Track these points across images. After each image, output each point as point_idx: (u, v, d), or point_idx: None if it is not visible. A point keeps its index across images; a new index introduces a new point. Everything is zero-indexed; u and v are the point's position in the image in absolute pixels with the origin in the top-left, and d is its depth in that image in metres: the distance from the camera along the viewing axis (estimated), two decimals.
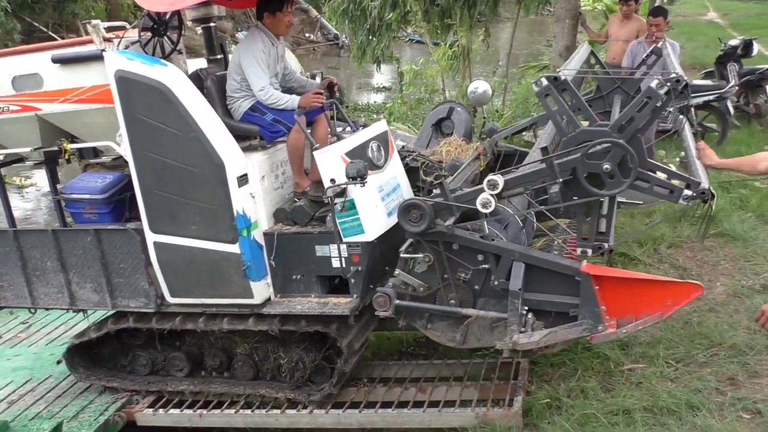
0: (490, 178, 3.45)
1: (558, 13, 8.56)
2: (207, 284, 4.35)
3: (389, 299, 3.90)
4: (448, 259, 3.83)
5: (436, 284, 3.93)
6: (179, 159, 4.09)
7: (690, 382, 4.03)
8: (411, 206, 3.70)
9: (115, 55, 4.09)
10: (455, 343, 4.01)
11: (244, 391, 4.74)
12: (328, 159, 4.05)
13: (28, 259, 4.82)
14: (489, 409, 4.17)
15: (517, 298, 3.60)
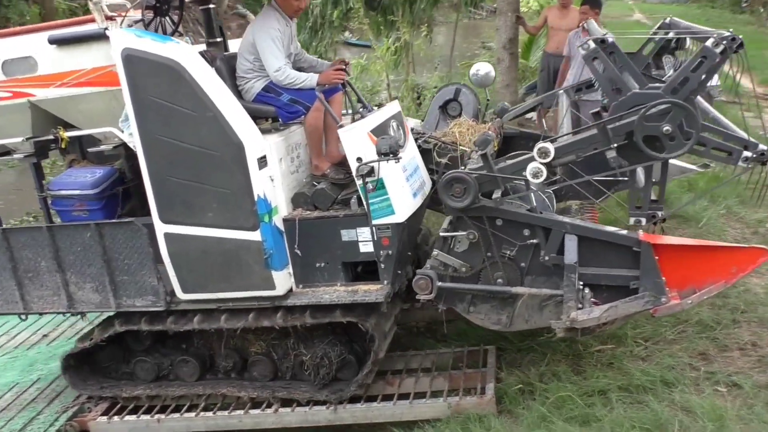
0: (540, 146, 3.28)
1: (500, 6, 8.72)
2: (223, 277, 4.06)
3: (431, 281, 3.68)
4: (492, 235, 3.64)
5: (479, 263, 3.73)
6: (194, 141, 3.81)
7: (661, 359, 4.03)
8: (454, 180, 3.51)
9: (123, 33, 3.80)
10: (500, 326, 3.82)
11: (261, 393, 4.43)
12: (354, 137, 3.84)
13: (19, 260, 4.44)
14: (461, 399, 4.05)
15: (573, 273, 3.43)
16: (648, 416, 3.39)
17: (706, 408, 3.32)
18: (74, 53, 4.01)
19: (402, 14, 10.70)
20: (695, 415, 3.31)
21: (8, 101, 4.22)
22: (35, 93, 4.17)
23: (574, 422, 3.53)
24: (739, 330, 4.28)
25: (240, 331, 4.46)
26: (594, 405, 3.64)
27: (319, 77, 4.06)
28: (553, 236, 3.55)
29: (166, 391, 4.55)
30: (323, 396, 4.28)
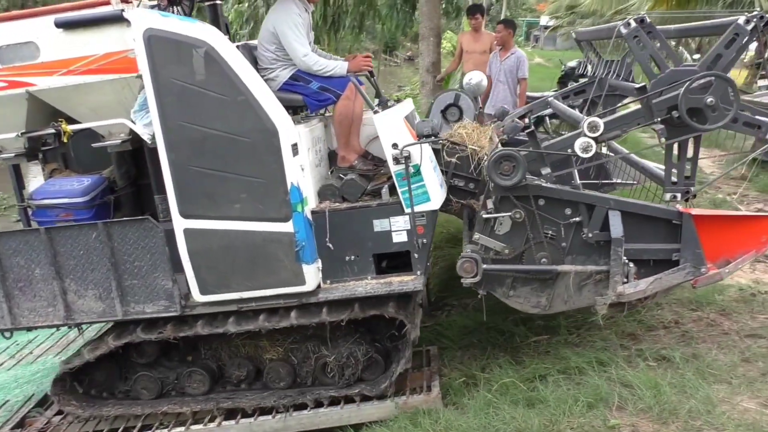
0: (590, 120, 3.32)
1: (422, 32, 9.00)
2: (248, 274, 3.83)
3: (476, 264, 3.61)
4: (534, 215, 3.62)
5: (521, 245, 3.70)
6: (223, 127, 3.62)
7: (594, 343, 4.22)
8: (503, 157, 3.48)
9: (145, 13, 3.59)
10: (539, 309, 3.78)
11: (279, 401, 4.17)
12: (389, 122, 3.76)
13: (8, 268, 4.03)
14: (408, 398, 4.04)
15: (620, 247, 3.45)
16: (589, 391, 3.52)
17: (642, 379, 3.48)
18: (84, 38, 3.73)
19: (328, 43, 10.90)
20: (633, 388, 3.48)
21: (3, 92, 3.86)
22: (36, 82, 3.84)
23: (520, 405, 3.61)
24: (662, 311, 4.54)
25: (253, 338, 4.23)
26: (536, 388, 3.74)
27: (349, 65, 3.98)
28: (597, 213, 3.58)
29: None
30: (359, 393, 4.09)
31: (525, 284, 3.78)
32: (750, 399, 3.30)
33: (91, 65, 3.77)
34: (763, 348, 3.73)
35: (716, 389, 3.40)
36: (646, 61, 3.48)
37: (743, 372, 3.55)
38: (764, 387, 3.37)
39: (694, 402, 3.27)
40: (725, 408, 3.25)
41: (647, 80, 3.57)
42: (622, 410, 3.39)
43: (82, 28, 3.72)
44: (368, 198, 3.98)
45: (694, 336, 4.01)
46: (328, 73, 3.95)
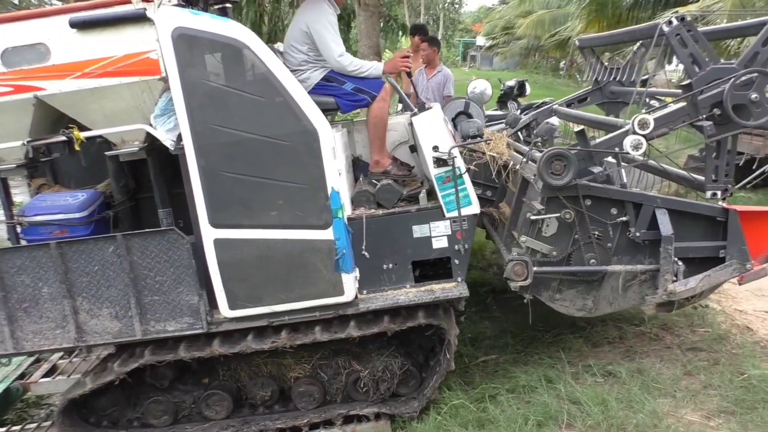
0: (641, 117, 3.31)
1: (362, 50, 9.07)
2: (283, 285, 3.62)
3: (526, 266, 3.52)
4: (583, 215, 3.58)
5: (567, 247, 3.64)
6: (259, 130, 3.42)
7: (542, 360, 4.29)
8: (555, 156, 3.42)
9: (174, 10, 3.38)
10: (585, 312, 3.73)
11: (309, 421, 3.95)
12: (430, 124, 3.66)
13: (11, 287, 3.69)
14: (356, 426, 3.95)
15: (670, 245, 3.44)
16: (539, 410, 3.57)
17: (590, 395, 3.56)
18: (101, 38, 3.46)
19: None
20: (581, 404, 3.54)
21: (8, 97, 3.54)
22: (46, 86, 3.53)
23: (470, 426, 3.61)
24: (607, 327, 4.64)
25: (276, 355, 4.01)
26: (486, 409, 3.73)
27: (385, 65, 3.87)
28: (644, 211, 3.57)
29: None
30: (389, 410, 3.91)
31: (571, 287, 3.72)
32: (694, 411, 3.40)
33: (108, 68, 3.50)
34: (704, 361, 3.81)
35: (661, 403, 3.49)
36: (687, 59, 3.51)
37: (686, 385, 3.65)
38: (707, 399, 3.47)
39: (641, 416, 3.34)
40: (671, 421, 3.34)
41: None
42: (572, 427, 3.45)
43: (100, 28, 3.45)
44: (403, 204, 3.85)
45: (638, 351, 4.05)
46: (362, 73, 3.82)
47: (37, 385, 4.59)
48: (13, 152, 3.76)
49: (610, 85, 5.37)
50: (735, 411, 3.32)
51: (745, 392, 3.43)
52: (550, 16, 26.13)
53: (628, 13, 14.17)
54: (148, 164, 4.63)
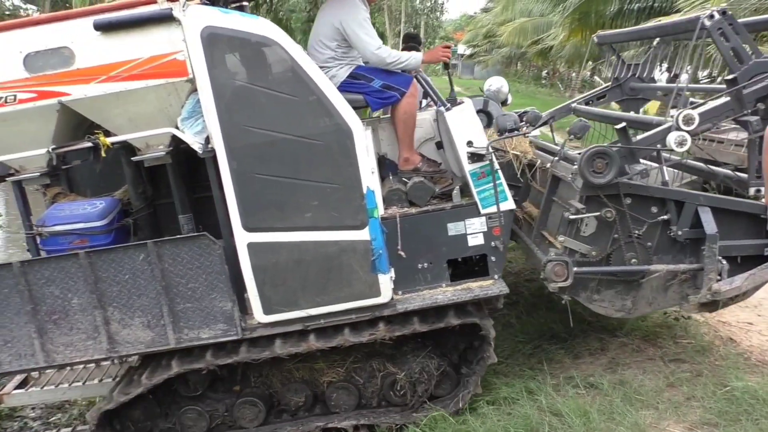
0: (686, 113, 3.25)
1: None
2: (319, 288, 3.55)
3: (567, 267, 3.46)
4: (623, 214, 3.52)
5: (606, 246, 3.58)
6: (293, 130, 3.35)
7: (523, 372, 4.23)
8: (597, 154, 3.36)
9: (203, 9, 3.30)
10: (623, 312, 3.68)
11: None
12: (464, 119, 3.60)
13: (40, 299, 3.60)
14: None
15: (715, 243, 3.38)
16: (520, 422, 3.49)
17: (571, 407, 3.48)
18: (127, 40, 3.37)
19: None
20: (562, 416, 3.47)
21: (31, 103, 3.45)
22: (70, 91, 3.44)
23: None
24: (588, 338, 4.55)
25: (307, 360, 3.94)
26: (467, 421, 3.66)
27: (425, 55, 3.80)
28: (686, 210, 3.50)
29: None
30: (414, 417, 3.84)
31: (610, 287, 3.66)
32: (676, 423, 3.34)
33: (133, 70, 3.42)
34: (687, 372, 3.76)
35: (644, 415, 3.42)
36: (728, 53, 3.45)
37: (669, 396, 3.59)
38: (689, 411, 3.42)
39: (622, 429, 3.28)
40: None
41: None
42: None
43: (125, 29, 3.36)
44: (436, 201, 3.78)
45: (620, 362, 3.98)
46: (401, 65, 3.75)
47: (10, 396, 4.49)
48: (36, 160, 3.67)
49: (630, 81, 5.29)
50: (718, 423, 3.25)
51: (728, 404, 3.35)
52: (532, 24, 26.09)
53: (611, 22, 14.30)
54: (166, 169, 4.59)
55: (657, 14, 12.76)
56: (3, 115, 3.46)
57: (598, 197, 3.50)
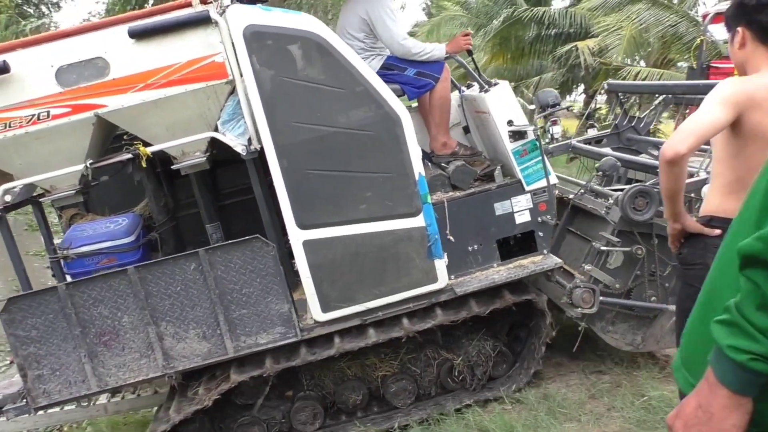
0: None
1: None
2: (377, 280, 3.54)
3: (594, 294, 3.56)
4: (651, 253, 3.65)
5: (628, 281, 3.73)
6: (343, 123, 3.34)
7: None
8: (640, 192, 3.49)
9: (244, 8, 3.27)
10: (632, 347, 3.86)
11: None
12: (503, 99, 3.66)
13: (89, 322, 3.47)
14: None
15: None
16: None
17: (498, 423, 3.60)
18: (163, 46, 3.30)
19: None
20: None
21: (66, 119, 3.33)
22: (107, 103, 3.35)
23: None
24: None
25: (357, 357, 3.90)
26: None
27: (448, 45, 3.84)
28: None
29: None
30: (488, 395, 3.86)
31: (624, 321, 3.81)
32: None
33: (171, 76, 3.36)
34: (607, 384, 3.87)
35: (567, 427, 3.53)
36: None
37: (591, 408, 3.70)
38: (610, 421, 3.54)
39: None
40: None
41: None
42: None
43: (161, 35, 3.30)
44: (477, 184, 3.82)
45: (544, 377, 4.05)
46: (426, 56, 3.78)
47: None
48: (68, 178, 3.56)
49: (627, 132, 5.38)
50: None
51: (645, 413, 3.47)
52: None
53: (530, 47, 14.94)
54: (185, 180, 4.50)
55: (573, 39, 13.51)
56: (36, 132, 3.34)
57: (631, 233, 3.62)
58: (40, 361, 3.47)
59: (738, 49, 2.15)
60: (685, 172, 2.14)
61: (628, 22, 11.09)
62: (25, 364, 3.47)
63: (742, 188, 2.06)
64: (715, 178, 2.22)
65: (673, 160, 2.05)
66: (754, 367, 0.91)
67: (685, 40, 10.77)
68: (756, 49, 2.09)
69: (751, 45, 2.10)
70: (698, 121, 2.05)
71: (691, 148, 2.04)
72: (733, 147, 2.11)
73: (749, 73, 2.13)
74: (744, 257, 0.90)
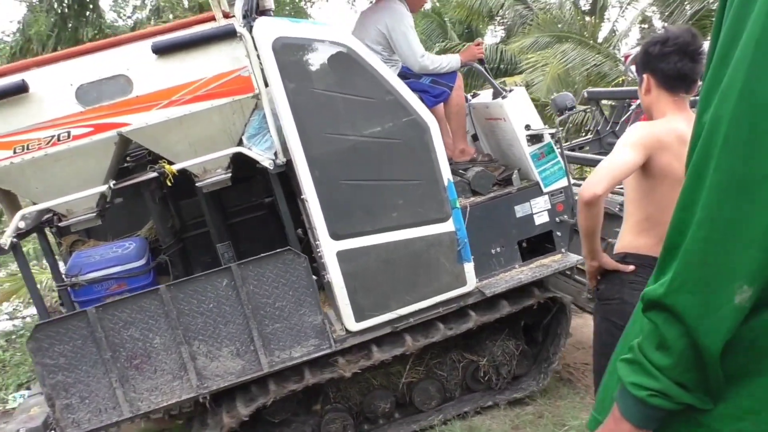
0: None
1: None
2: (409, 287, 3.57)
3: None
4: None
5: None
6: (374, 132, 3.37)
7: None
8: None
9: (272, 21, 3.26)
10: None
11: None
12: (520, 104, 3.76)
13: (118, 346, 3.37)
14: None
15: None
16: None
17: None
18: (187, 61, 3.26)
19: None
20: None
21: (87, 139, 3.24)
22: (130, 121, 3.27)
23: None
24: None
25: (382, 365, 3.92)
26: None
27: (462, 55, 3.91)
28: None
29: None
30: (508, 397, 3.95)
31: None
32: None
33: (197, 91, 3.31)
34: (530, 414, 3.96)
35: None
36: None
37: None
38: None
39: None
40: None
41: None
42: None
43: (186, 50, 3.26)
44: (495, 188, 3.91)
45: (468, 410, 4.07)
46: (443, 69, 3.85)
47: None
48: (86, 201, 3.45)
49: (608, 137, 5.58)
50: None
51: None
52: None
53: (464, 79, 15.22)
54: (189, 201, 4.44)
55: (503, 75, 13.92)
56: (56, 154, 3.24)
57: None
58: (69, 389, 3.36)
59: (644, 94, 2.32)
60: (602, 211, 2.25)
61: (555, 60, 11.49)
62: (53, 394, 3.35)
63: (652, 226, 2.24)
64: (627, 217, 2.38)
65: (590, 201, 2.18)
66: (654, 403, 0.98)
67: (609, 78, 11.22)
68: (660, 95, 2.26)
69: (656, 91, 2.26)
70: (612, 164, 2.19)
71: (606, 190, 2.17)
72: (644, 187, 2.27)
73: (655, 118, 2.29)
74: (646, 301, 0.99)
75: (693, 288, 0.93)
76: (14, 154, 3.20)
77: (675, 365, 0.95)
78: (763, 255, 0.89)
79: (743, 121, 0.87)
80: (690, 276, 0.93)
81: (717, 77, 0.93)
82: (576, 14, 12.75)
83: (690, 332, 0.93)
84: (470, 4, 13.92)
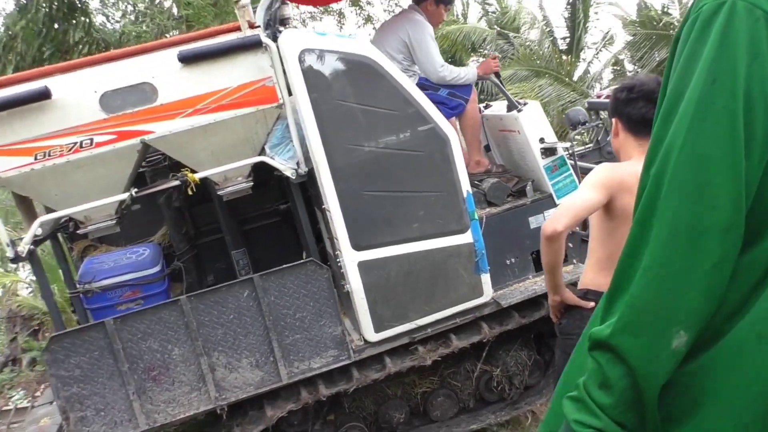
0: None
1: None
2: (428, 297, 3.60)
3: None
4: None
5: None
6: (396, 144, 3.41)
7: None
8: None
9: (298, 32, 3.28)
10: None
11: None
12: (535, 118, 3.84)
13: (136, 357, 3.32)
14: None
15: None
16: None
17: None
18: (213, 71, 3.26)
19: None
20: None
21: (110, 146, 3.21)
22: (154, 129, 3.25)
23: None
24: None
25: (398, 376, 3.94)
26: None
27: (478, 68, 3.98)
28: None
29: None
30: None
31: None
32: None
33: (222, 101, 3.32)
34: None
35: None
36: None
37: None
38: None
39: None
40: None
41: None
42: None
43: (211, 59, 3.26)
44: (510, 199, 3.98)
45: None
46: (461, 80, 3.91)
47: None
48: (106, 208, 3.42)
49: (607, 146, 5.69)
50: None
51: None
52: None
53: None
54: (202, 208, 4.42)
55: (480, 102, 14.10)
56: (78, 161, 3.21)
57: None
58: (84, 401, 3.29)
59: (614, 137, 2.41)
60: (563, 247, 2.33)
61: (532, 93, 11.75)
62: (67, 406, 3.28)
63: (612, 265, 2.27)
64: (590, 254, 2.46)
65: (551, 236, 2.26)
66: None
67: None
68: (627, 138, 2.35)
69: (623, 135, 2.36)
70: (574, 202, 2.29)
71: (567, 226, 2.25)
72: (607, 227, 2.35)
73: (623, 160, 2.38)
74: (593, 341, 1.04)
75: (636, 331, 0.97)
76: (35, 160, 3.15)
77: (616, 404, 0.98)
78: (702, 301, 0.95)
79: (684, 176, 0.94)
80: (634, 319, 0.98)
81: (662, 133, 0.99)
82: (554, 52, 13.14)
83: (631, 373, 0.97)
84: (454, 37, 14.15)
